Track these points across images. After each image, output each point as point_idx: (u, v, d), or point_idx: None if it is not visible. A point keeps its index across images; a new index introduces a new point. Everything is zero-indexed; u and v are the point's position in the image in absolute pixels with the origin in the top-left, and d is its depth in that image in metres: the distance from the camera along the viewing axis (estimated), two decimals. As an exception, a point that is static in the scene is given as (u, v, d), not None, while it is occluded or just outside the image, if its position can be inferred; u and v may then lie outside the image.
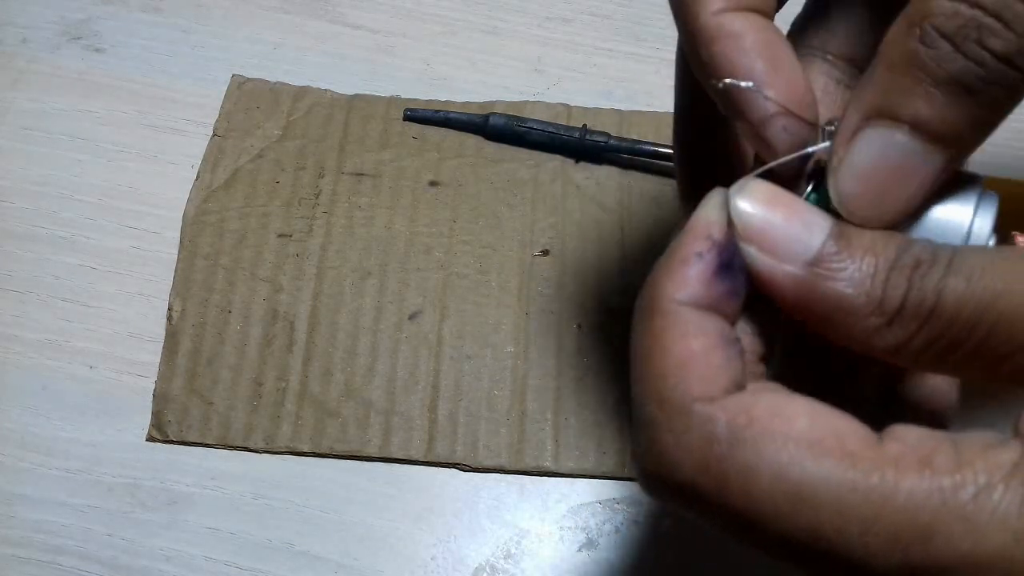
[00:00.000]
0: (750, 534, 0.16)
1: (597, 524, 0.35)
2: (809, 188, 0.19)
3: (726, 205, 0.18)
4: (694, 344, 0.17)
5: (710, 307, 0.17)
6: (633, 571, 0.34)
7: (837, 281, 0.16)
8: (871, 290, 0.16)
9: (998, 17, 0.15)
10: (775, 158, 0.18)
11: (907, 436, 0.16)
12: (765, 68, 0.18)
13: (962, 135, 0.16)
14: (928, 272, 0.16)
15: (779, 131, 0.18)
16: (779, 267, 0.17)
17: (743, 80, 0.18)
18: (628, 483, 0.36)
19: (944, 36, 0.15)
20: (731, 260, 0.17)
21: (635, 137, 0.42)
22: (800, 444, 0.15)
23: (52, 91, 0.44)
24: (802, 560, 0.16)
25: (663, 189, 0.42)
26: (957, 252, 0.16)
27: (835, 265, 0.16)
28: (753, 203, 0.17)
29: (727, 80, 0.18)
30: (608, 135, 0.41)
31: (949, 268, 0.16)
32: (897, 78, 0.16)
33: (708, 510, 0.16)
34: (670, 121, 0.26)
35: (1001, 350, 0.16)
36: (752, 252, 0.17)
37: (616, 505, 0.36)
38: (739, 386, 0.17)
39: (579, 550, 0.35)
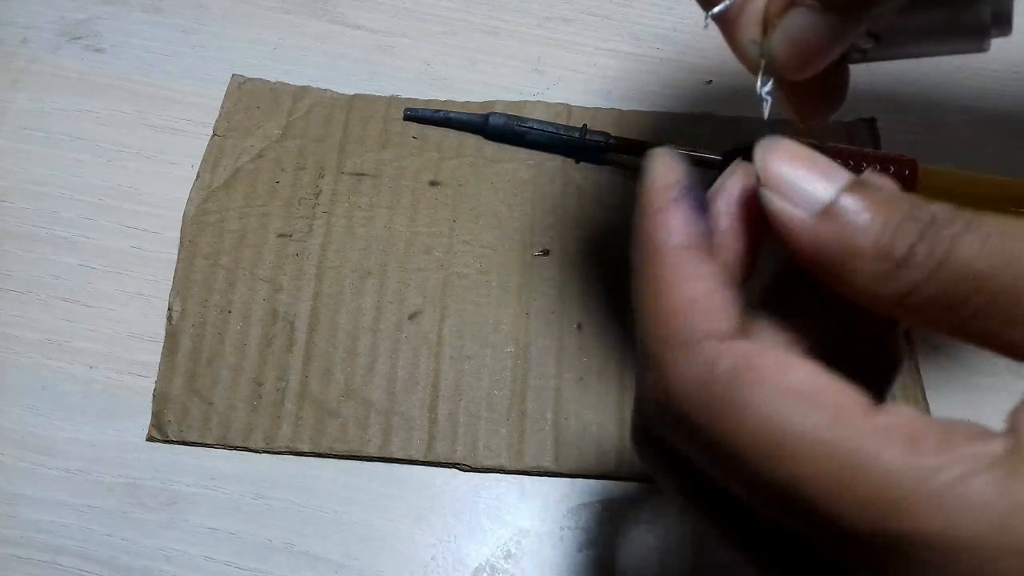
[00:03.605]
0: (736, 475, 0.16)
1: (597, 524, 0.35)
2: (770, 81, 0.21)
3: (673, 160, 0.19)
4: (699, 284, 0.18)
5: (699, 248, 0.18)
6: (633, 571, 0.34)
7: (846, 226, 0.17)
8: (880, 235, 0.16)
9: None
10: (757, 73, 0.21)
11: (900, 412, 0.16)
12: None
13: (855, 4, 0.19)
14: (944, 227, 0.16)
15: (748, 44, 0.21)
16: (794, 212, 0.17)
17: (719, 5, 0.21)
18: (628, 483, 0.36)
19: None
20: (701, 202, 0.19)
21: (635, 137, 0.42)
22: (794, 396, 0.16)
23: (52, 91, 0.44)
24: (782, 509, 0.16)
25: (663, 189, 0.42)
26: (978, 214, 0.16)
27: (848, 213, 0.17)
28: (778, 158, 0.18)
29: (711, 13, 0.21)
30: (608, 135, 0.41)
31: (967, 226, 0.16)
32: None
33: (701, 445, 0.17)
34: (670, 121, 0.26)
35: (1006, 316, 0.15)
36: (771, 198, 0.18)
37: (616, 505, 0.36)
38: (742, 329, 0.18)
39: (579, 550, 0.35)
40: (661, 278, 0.18)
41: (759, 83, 0.20)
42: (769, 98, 0.20)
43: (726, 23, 0.21)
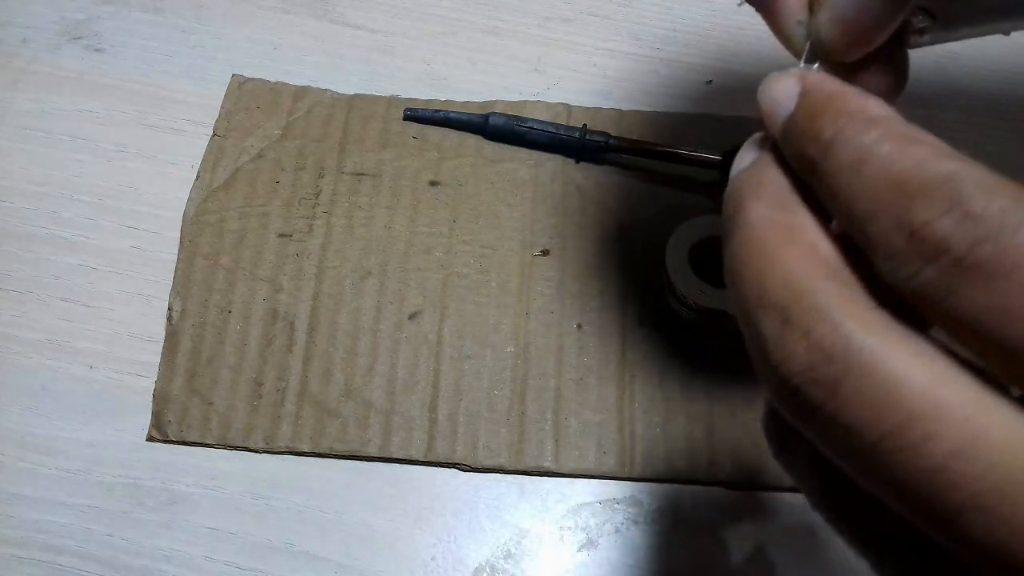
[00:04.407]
0: None
1: (597, 524, 0.35)
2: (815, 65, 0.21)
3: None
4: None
5: None
6: (633, 571, 0.34)
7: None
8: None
9: None
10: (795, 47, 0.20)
11: None
12: None
13: None
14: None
15: (794, 25, 0.20)
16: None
17: None
18: (628, 483, 0.36)
19: None
20: None
21: (635, 137, 0.42)
22: None
23: (52, 91, 0.44)
24: None
25: (662, 189, 0.42)
26: None
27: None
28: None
29: None
30: (608, 135, 0.41)
31: None
32: None
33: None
34: (670, 121, 0.26)
35: None
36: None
37: (616, 505, 0.36)
38: None
39: (579, 550, 0.35)
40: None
41: (802, 68, 0.20)
42: None
43: (766, 5, 0.21)
